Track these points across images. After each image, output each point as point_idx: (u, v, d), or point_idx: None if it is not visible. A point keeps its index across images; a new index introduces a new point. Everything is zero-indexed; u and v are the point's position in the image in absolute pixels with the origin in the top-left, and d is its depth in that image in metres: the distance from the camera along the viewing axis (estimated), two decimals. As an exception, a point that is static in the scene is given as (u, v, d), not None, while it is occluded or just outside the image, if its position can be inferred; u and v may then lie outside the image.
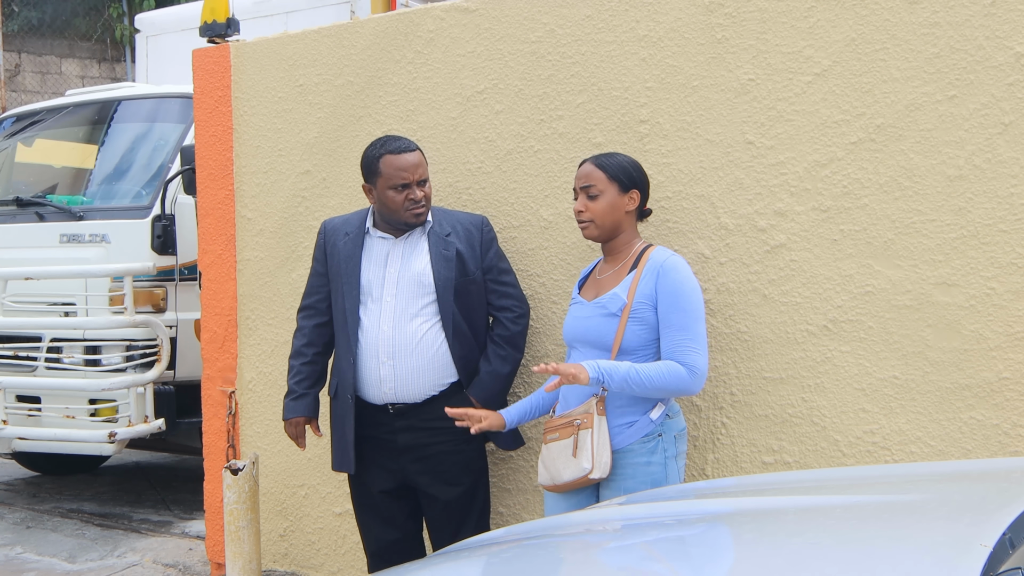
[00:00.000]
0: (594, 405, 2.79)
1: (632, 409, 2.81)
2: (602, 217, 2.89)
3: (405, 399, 3.17)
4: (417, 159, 3.16)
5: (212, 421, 4.28)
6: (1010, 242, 2.73)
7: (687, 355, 2.74)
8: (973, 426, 2.80)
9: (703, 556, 1.88)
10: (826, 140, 2.95)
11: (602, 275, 2.95)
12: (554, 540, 2.15)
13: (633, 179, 2.90)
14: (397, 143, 3.17)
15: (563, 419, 2.86)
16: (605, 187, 2.89)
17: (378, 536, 3.34)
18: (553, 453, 2.85)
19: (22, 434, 5.21)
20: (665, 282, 2.79)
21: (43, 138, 6.15)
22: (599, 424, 2.77)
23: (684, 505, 2.32)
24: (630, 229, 2.94)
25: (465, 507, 3.24)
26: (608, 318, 2.82)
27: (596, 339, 2.84)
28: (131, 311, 4.84)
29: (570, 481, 2.80)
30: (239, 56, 4.11)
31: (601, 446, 2.75)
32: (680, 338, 2.75)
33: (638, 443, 2.80)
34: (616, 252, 2.94)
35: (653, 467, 2.79)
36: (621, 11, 3.26)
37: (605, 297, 2.85)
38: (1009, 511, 1.66)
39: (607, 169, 2.89)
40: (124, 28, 13.57)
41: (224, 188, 4.17)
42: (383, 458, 3.24)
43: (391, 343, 3.14)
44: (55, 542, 5.09)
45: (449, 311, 3.16)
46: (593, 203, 2.89)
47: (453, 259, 3.19)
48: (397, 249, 3.23)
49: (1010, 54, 2.71)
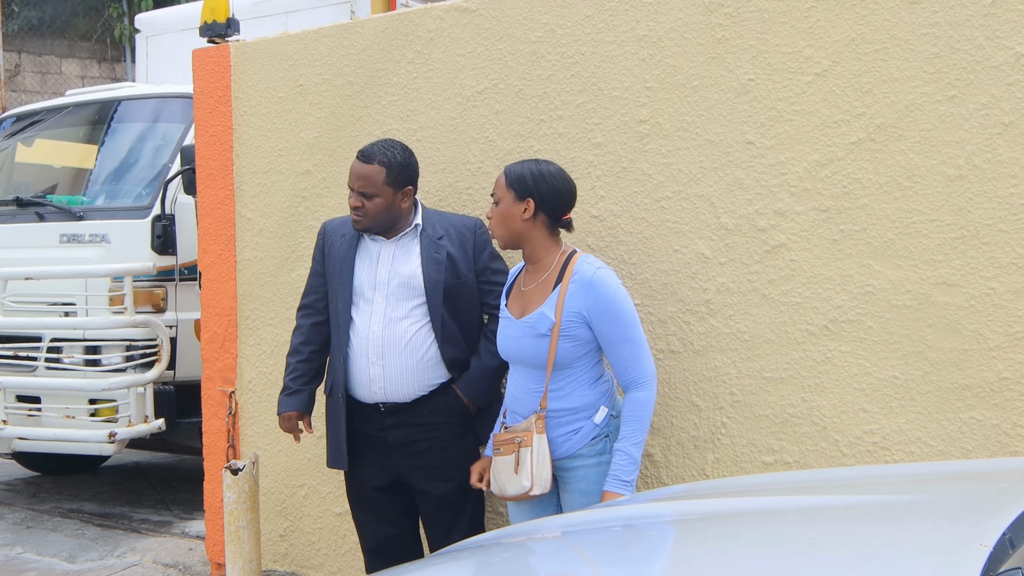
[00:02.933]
0: (534, 423, 2.83)
1: (575, 416, 2.85)
2: (497, 224, 2.92)
3: (394, 399, 3.19)
4: (361, 170, 3.17)
5: (212, 421, 4.28)
6: (1010, 242, 2.73)
7: (636, 366, 2.80)
8: (973, 426, 2.80)
9: (703, 556, 1.88)
10: (826, 140, 2.95)
11: (527, 287, 2.94)
12: (554, 540, 2.15)
13: (527, 188, 2.86)
14: (363, 149, 3.22)
15: (508, 435, 2.90)
16: (503, 194, 2.90)
17: (374, 532, 3.36)
18: (499, 467, 2.90)
19: (22, 434, 5.21)
20: (597, 299, 2.80)
21: (43, 138, 6.15)
22: (539, 442, 2.81)
23: (684, 505, 2.32)
24: (540, 239, 2.90)
25: (458, 502, 3.26)
26: (538, 339, 2.83)
27: (529, 359, 2.87)
28: (131, 311, 4.84)
29: (513, 496, 2.85)
30: (239, 56, 4.11)
31: (540, 464, 2.80)
32: (626, 351, 2.80)
33: (586, 447, 2.84)
34: (535, 261, 2.93)
35: (604, 466, 2.83)
36: (621, 11, 3.26)
37: (533, 317, 2.84)
38: (1009, 511, 1.66)
39: (508, 176, 2.90)
40: (124, 28, 13.57)
41: (224, 188, 4.17)
42: (375, 455, 3.27)
43: (380, 343, 3.16)
44: (55, 542, 5.09)
45: (438, 313, 3.18)
46: (495, 209, 2.93)
47: (444, 262, 3.20)
48: (388, 251, 3.24)
49: (1010, 54, 2.71)
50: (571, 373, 2.83)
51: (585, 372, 2.85)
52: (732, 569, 1.74)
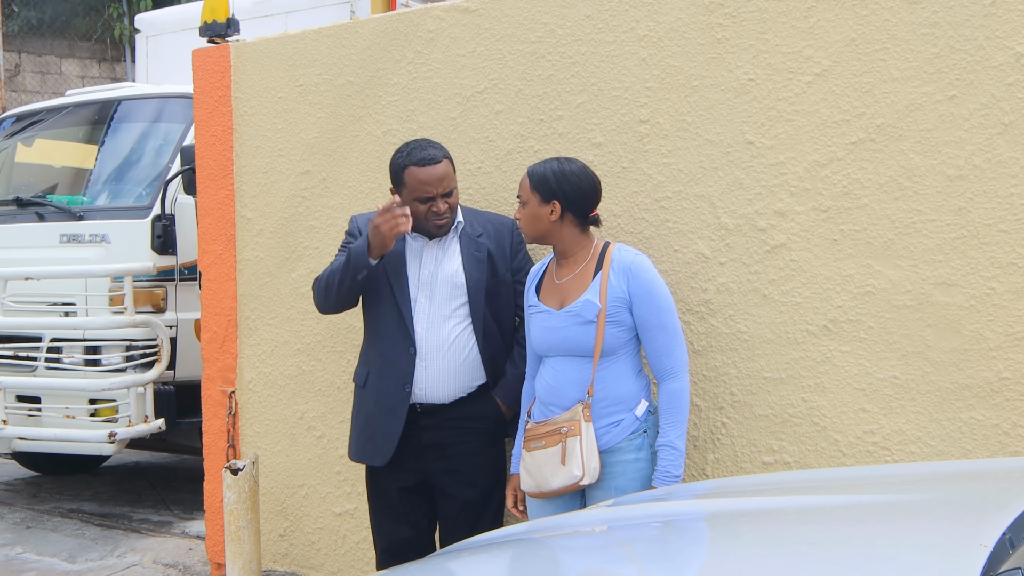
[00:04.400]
0: (580, 411, 2.80)
1: (617, 408, 2.83)
2: (526, 226, 2.93)
3: (433, 400, 3.16)
4: (442, 172, 3.11)
5: (212, 421, 4.28)
6: (1010, 242, 2.73)
7: (671, 355, 2.81)
8: (973, 426, 2.80)
9: (703, 556, 1.88)
10: (826, 140, 2.95)
11: (561, 279, 2.93)
12: (553, 540, 2.15)
13: (552, 191, 2.86)
14: (423, 154, 3.11)
15: (548, 426, 2.85)
16: (528, 197, 2.91)
17: (390, 533, 3.32)
18: (539, 461, 2.85)
19: (22, 434, 5.21)
20: (637, 284, 2.82)
21: (43, 138, 6.15)
22: (587, 430, 2.78)
23: (684, 505, 2.32)
24: (571, 236, 2.91)
25: (479, 509, 3.23)
26: (585, 326, 2.82)
27: (575, 347, 2.85)
28: (131, 311, 4.84)
29: (559, 488, 2.81)
30: (239, 56, 4.11)
31: (590, 452, 2.77)
32: (661, 339, 2.82)
33: (625, 441, 2.82)
34: (568, 255, 2.94)
35: (641, 463, 2.82)
36: (621, 11, 3.26)
37: (577, 305, 2.84)
38: (1009, 511, 1.66)
39: (531, 179, 2.91)
40: (124, 28, 13.57)
41: (224, 188, 4.17)
42: (405, 455, 3.22)
43: (423, 345, 3.14)
44: (55, 542, 5.09)
45: (480, 312, 3.17)
46: (522, 211, 2.93)
47: (485, 260, 3.19)
48: (430, 251, 3.21)
49: (1010, 54, 2.71)
50: (616, 360, 2.83)
51: (628, 361, 2.85)
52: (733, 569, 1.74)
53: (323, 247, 3.94)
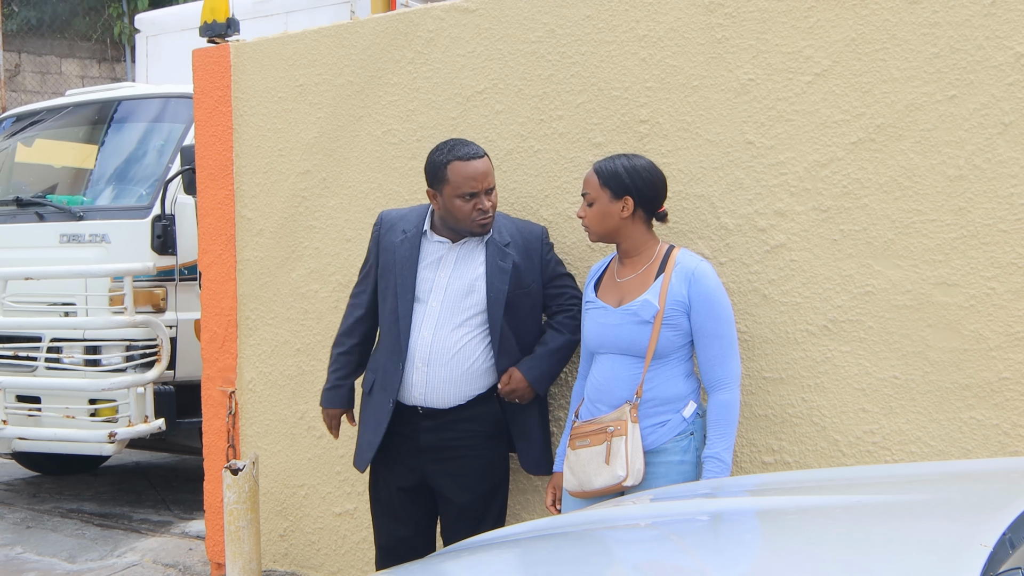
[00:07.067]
0: (627, 412, 2.76)
1: (665, 408, 2.79)
2: (595, 224, 2.89)
3: (433, 405, 3.14)
4: (486, 167, 3.07)
5: (212, 421, 4.28)
6: (1010, 242, 2.73)
7: (724, 365, 2.77)
8: (973, 426, 2.80)
9: (703, 556, 1.88)
10: (826, 140, 2.95)
11: (622, 278, 2.90)
12: (554, 540, 2.15)
13: (625, 186, 2.83)
14: (466, 149, 3.06)
15: (594, 425, 2.82)
16: (598, 194, 2.86)
17: (389, 531, 3.32)
18: (583, 459, 2.81)
19: (22, 434, 5.21)
20: (698, 290, 2.78)
21: (43, 138, 6.15)
22: (632, 431, 2.74)
23: (684, 505, 2.32)
24: (638, 233, 2.88)
25: (480, 513, 3.20)
26: (641, 325, 2.78)
27: (628, 346, 2.81)
28: (131, 311, 4.84)
29: (602, 488, 2.76)
30: (239, 56, 4.11)
31: (635, 453, 2.73)
32: (716, 348, 2.78)
33: (671, 442, 2.78)
34: (633, 255, 2.90)
35: (686, 466, 2.78)
36: (621, 11, 3.26)
37: (636, 304, 2.81)
38: (1009, 511, 1.66)
39: (601, 175, 2.87)
40: (124, 28, 13.58)
41: (224, 188, 4.17)
42: (405, 455, 3.21)
43: (428, 350, 3.10)
44: (55, 542, 5.09)
45: (498, 323, 3.10)
46: (589, 209, 2.89)
47: (509, 271, 3.11)
48: (452, 255, 3.15)
49: (1010, 54, 2.71)
50: (667, 363, 2.79)
51: (681, 364, 2.81)
52: (732, 569, 1.74)
53: (323, 247, 3.94)
